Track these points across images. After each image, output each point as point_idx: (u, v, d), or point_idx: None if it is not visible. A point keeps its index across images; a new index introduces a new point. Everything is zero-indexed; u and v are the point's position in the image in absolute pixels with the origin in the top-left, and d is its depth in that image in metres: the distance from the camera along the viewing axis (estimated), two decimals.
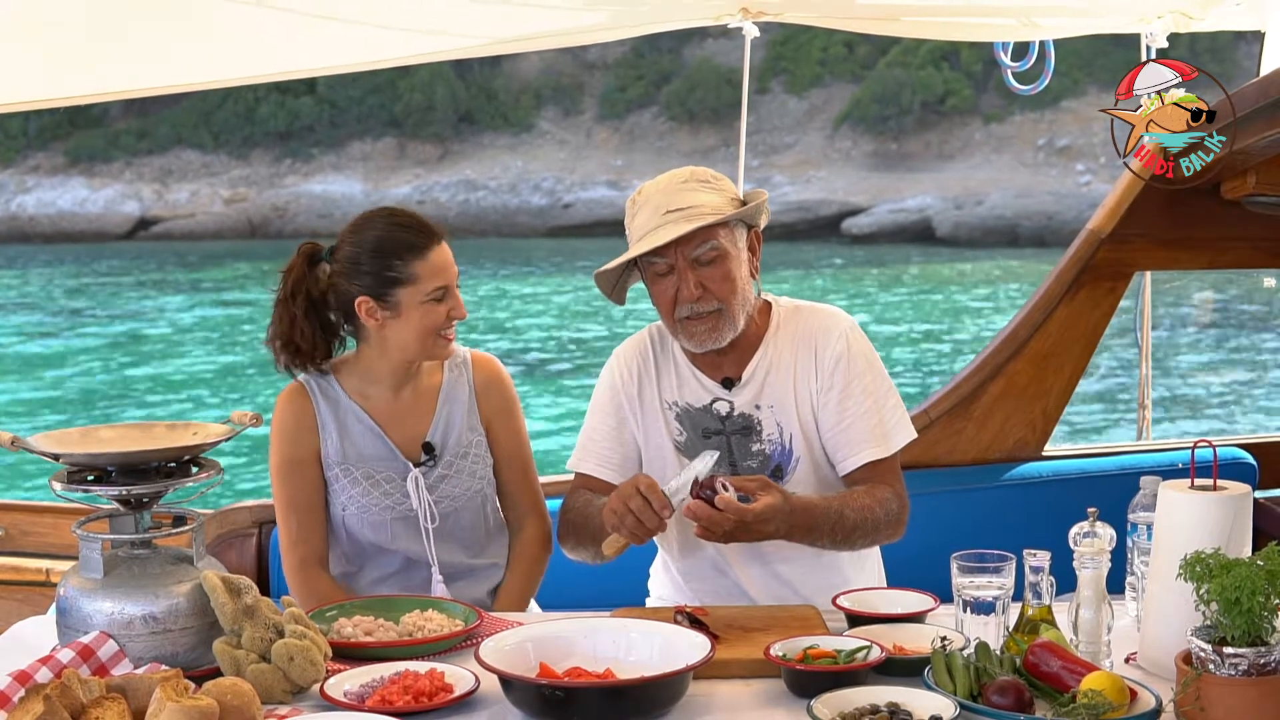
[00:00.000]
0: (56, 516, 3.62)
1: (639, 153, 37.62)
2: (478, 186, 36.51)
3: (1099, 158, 33.14)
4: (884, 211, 32.89)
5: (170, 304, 23.10)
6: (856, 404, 2.65)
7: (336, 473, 2.74)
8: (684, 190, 2.58)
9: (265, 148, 38.50)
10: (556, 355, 17.10)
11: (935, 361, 16.70)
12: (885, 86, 36.45)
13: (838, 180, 34.55)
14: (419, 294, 2.64)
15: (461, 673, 2.10)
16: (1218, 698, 1.86)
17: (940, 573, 2.31)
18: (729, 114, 37.55)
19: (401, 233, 2.66)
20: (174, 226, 35.41)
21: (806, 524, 2.48)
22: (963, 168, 34.47)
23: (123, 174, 37.59)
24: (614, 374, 2.78)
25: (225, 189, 37.10)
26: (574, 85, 40.07)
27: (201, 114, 37.92)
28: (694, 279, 2.57)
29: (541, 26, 3.88)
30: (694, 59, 39.03)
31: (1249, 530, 2.15)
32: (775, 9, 3.73)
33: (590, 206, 35.28)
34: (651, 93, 39.36)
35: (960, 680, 1.98)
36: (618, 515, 2.38)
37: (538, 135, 39.03)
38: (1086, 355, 3.56)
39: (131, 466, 2.16)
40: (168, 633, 2.12)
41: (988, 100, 35.96)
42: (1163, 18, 3.81)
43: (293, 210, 36.01)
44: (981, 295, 23.08)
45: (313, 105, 38.49)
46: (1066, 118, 34.46)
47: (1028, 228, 31.03)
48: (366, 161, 38.36)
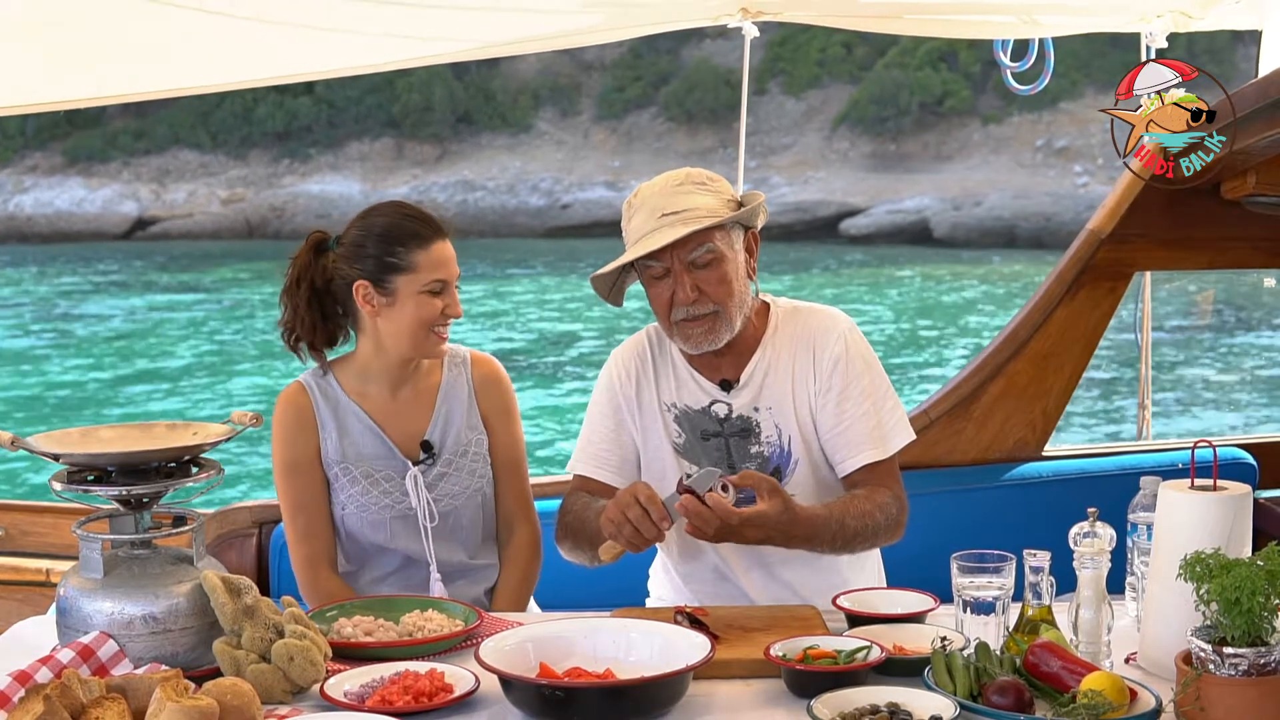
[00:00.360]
0: (56, 516, 3.62)
1: (637, 153, 37.58)
2: (475, 187, 36.48)
3: (1097, 159, 33.16)
4: (882, 212, 32.85)
5: (166, 303, 23.06)
6: (855, 406, 2.65)
7: (336, 472, 2.74)
8: (680, 193, 2.58)
9: (263, 148, 38.45)
10: (552, 356, 17.13)
11: (934, 364, 16.68)
12: (883, 87, 36.41)
13: (835, 181, 34.51)
14: (416, 284, 2.65)
15: (461, 673, 2.10)
16: (1218, 698, 1.86)
17: (940, 573, 2.31)
18: (727, 115, 37.57)
19: (407, 222, 2.68)
20: (171, 227, 35.36)
21: (807, 533, 2.47)
22: (960, 169, 34.44)
23: (120, 174, 37.54)
24: (612, 376, 2.78)
25: (223, 189, 37.05)
26: (572, 86, 40.04)
27: (199, 114, 37.85)
28: (690, 282, 2.57)
29: (540, 30, 3.89)
30: (692, 60, 39.01)
31: (1249, 530, 2.15)
32: (775, 8, 3.73)
33: (588, 207, 35.25)
34: (649, 93, 39.33)
35: (960, 680, 1.98)
36: (616, 525, 2.37)
37: (535, 136, 39.00)
38: (1086, 355, 3.56)
39: (131, 466, 2.16)
40: (168, 633, 2.12)
41: (986, 101, 35.94)
42: (1162, 17, 3.81)
43: (290, 210, 35.96)
44: (977, 296, 23.05)
45: (310, 105, 38.44)
46: (1064, 119, 34.46)
47: (1025, 229, 31.03)
48: (364, 162, 38.32)
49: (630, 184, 35.00)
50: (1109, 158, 32.63)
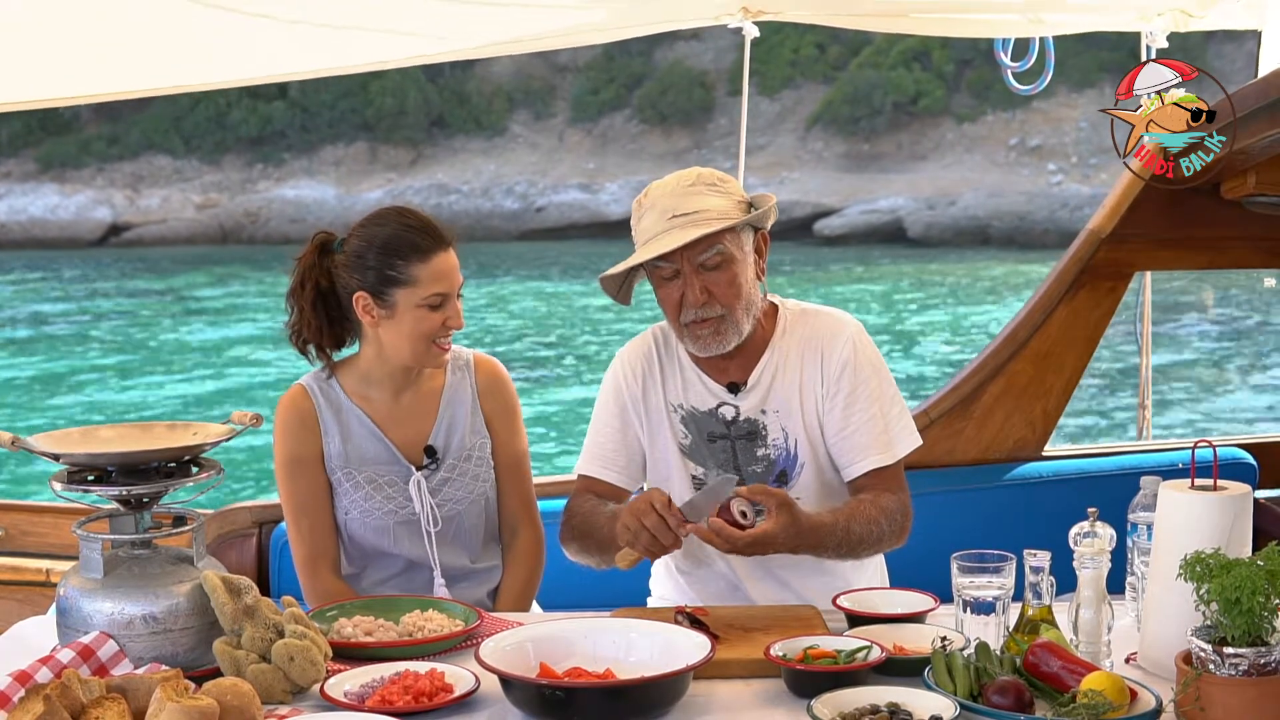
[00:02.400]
0: (56, 517, 3.62)
1: (611, 155, 37.44)
2: (450, 190, 36.29)
3: (1070, 157, 33.20)
4: (856, 213, 32.69)
5: (140, 309, 22.96)
6: (862, 410, 2.65)
7: (339, 476, 2.73)
8: (691, 194, 2.56)
9: (237, 153, 38.16)
10: (531, 358, 17.11)
11: (910, 365, 16.65)
12: (857, 87, 36.21)
13: (810, 181, 34.30)
14: (415, 297, 2.63)
15: (461, 673, 2.10)
16: (1218, 698, 1.86)
17: (940, 573, 2.31)
18: (700, 116, 37.66)
19: (408, 233, 2.64)
20: (146, 233, 35.13)
21: (813, 542, 2.48)
22: (934, 168, 34.33)
23: (94, 180, 37.24)
24: (618, 376, 2.77)
25: (197, 194, 36.79)
26: (545, 88, 39.84)
27: (172, 119, 37.54)
28: (699, 284, 2.56)
29: (542, 27, 3.88)
30: (665, 62, 38.85)
31: (1249, 530, 2.15)
32: (776, 8, 3.73)
33: (563, 210, 35.12)
34: (623, 95, 39.07)
35: (960, 680, 1.98)
36: (633, 532, 2.37)
37: (510, 139, 38.81)
38: (1087, 355, 3.56)
39: (131, 467, 2.16)
40: (168, 633, 2.12)
41: (959, 101, 35.83)
42: (1163, 15, 3.82)
43: (265, 215, 35.81)
44: (954, 295, 23.00)
45: (284, 110, 38.12)
46: (1037, 118, 34.42)
47: (999, 228, 30.98)
48: (338, 166, 38.08)
49: (605, 186, 35.04)
50: (1082, 156, 32.75)
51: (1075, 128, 33.66)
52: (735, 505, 2.37)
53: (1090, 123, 33.26)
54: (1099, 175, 31.56)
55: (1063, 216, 30.13)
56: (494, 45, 4.13)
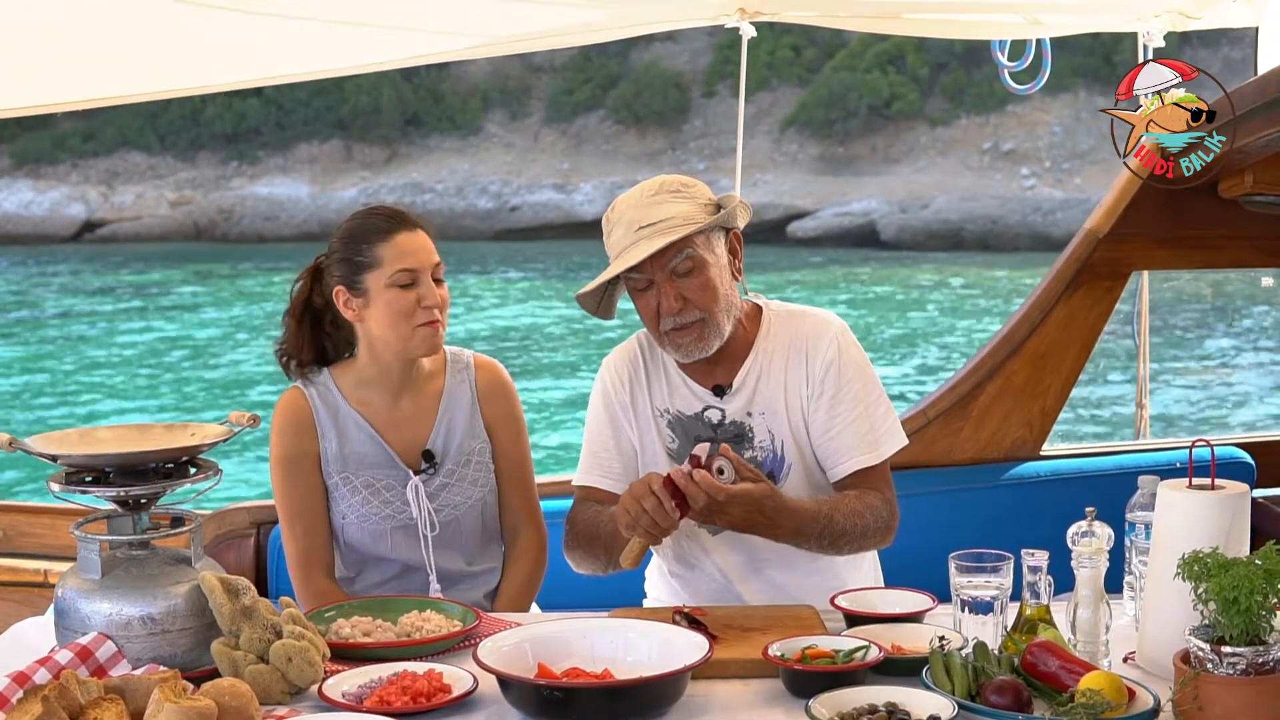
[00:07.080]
0: (54, 517, 3.61)
1: (586, 156, 37.37)
2: (424, 189, 36.22)
3: (1044, 161, 33.19)
4: (829, 215, 32.64)
5: (112, 306, 22.90)
6: (847, 410, 2.64)
7: (336, 481, 2.73)
8: (654, 203, 2.56)
9: (211, 150, 38.07)
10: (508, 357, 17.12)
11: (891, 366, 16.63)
12: (831, 90, 36.11)
13: (784, 184, 34.20)
14: (383, 278, 2.63)
15: (460, 673, 2.10)
16: (1216, 697, 1.87)
17: (938, 572, 2.31)
18: (675, 118, 37.68)
19: (372, 219, 2.68)
20: (120, 229, 35.07)
21: (794, 525, 2.47)
22: (908, 171, 34.27)
23: (69, 176, 37.20)
24: (606, 384, 2.77)
25: (171, 191, 36.71)
26: (521, 88, 39.75)
27: (147, 116, 37.35)
28: (673, 292, 2.55)
29: (541, 25, 3.88)
30: (640, 62, 38.76)
31: (1247, 530, 2.15)
32: (773, 9, 3.73)
33: (537, 209, 35.07)
34: (598, 96, 38.95)
35: (958, 680, 1.98)
36: (632, 516, 2.37)
37: (485, 138, 38.71)
38: (1084, 355, 3.56)
39: (129, 467, 2.15)
40: (166, 633, 2.12)
41: (934, 104, 35.76)
42: (1160, 16, 3.82)
43: (239, 213, 35.76)
44: (925, 299, 22.98)
45: (259, 108, 38.00)
46: (1011, 121, 34.39)
47: (972, 231, 30.95)
48: (313, 164, 37.97)
49: (579, 186, 35.05)
50: (1056, 160, 32.77)
51: (1049, 132, 33.67)
52: (717, 461, 2.38)
53: (1064, 127, 33.27)
54: (1072, 180, 31.60)
55: (1035, 220, 30.19)
56: (494, 45, 4.12)
